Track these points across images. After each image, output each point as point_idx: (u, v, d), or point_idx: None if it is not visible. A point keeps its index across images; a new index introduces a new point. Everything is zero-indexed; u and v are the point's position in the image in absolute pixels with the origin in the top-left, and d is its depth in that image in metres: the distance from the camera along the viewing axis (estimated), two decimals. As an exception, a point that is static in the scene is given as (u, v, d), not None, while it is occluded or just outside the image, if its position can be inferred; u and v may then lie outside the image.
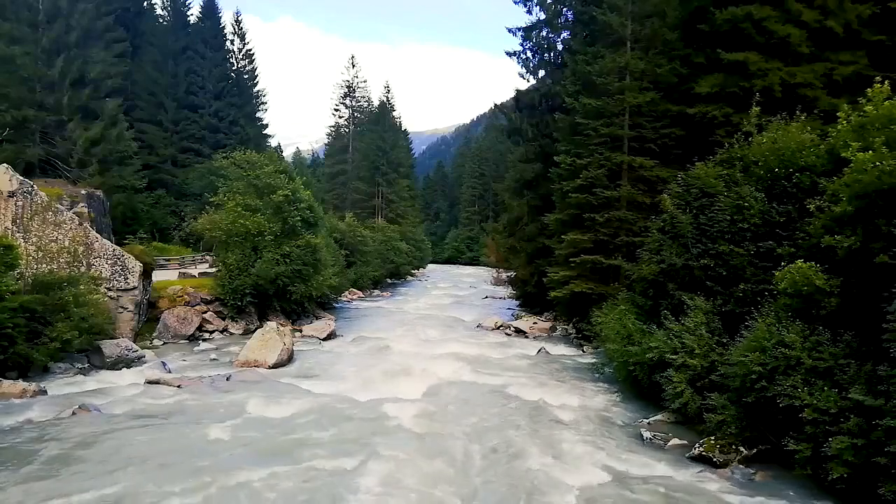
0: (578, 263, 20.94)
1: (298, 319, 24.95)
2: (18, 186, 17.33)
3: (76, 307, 15.28)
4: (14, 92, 27.51)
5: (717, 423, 10.28)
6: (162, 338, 20.12)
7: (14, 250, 14.66)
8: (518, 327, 25.23)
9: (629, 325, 14.19)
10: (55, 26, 29.34)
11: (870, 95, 9.99)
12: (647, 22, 21.56)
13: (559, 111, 24.85)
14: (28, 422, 11.12)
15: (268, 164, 25.23)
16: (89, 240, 18.43)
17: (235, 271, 22.41)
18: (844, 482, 8.08)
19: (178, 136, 44.57)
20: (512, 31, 29.70)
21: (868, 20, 17.01)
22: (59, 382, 14.08)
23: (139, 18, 44.94)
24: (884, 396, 7.84)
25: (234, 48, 50.08)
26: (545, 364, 18.25)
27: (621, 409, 13.52)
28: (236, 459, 9.50)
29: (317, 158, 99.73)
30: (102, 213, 24.88)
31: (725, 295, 12.05)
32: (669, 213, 13.93)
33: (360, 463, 9.58)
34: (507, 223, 34.67)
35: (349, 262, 37.81)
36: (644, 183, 20.55)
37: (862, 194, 9.08)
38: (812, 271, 9.47)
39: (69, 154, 29.05)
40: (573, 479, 9.25)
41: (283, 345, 17.34)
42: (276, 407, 12.56)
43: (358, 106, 68.95)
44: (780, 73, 16.72)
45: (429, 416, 12.28)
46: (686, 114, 18.54)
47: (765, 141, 12.79)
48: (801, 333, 9.42)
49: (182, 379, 14.61)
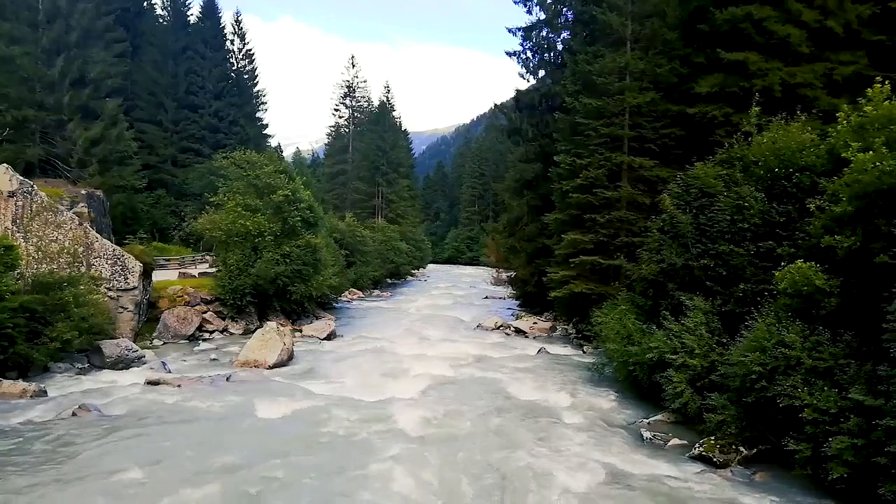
0: (578, 263, 20.95)
1: (298, 319, 24.96)
2: (18, 186, 17.33)
3: (76, 307, 15.28)
4: (14, 92, 27.50)
5: (717, 423, 10.29)
6: (162, 338, 20.13)
7: (14, 250, 14.66)
8: (518, 327, 25.23)
9: (629, 325, 14.20)
10: (55, 26, 29.32)
11: (870, 95, 10.00)
12: (647, 22, 21.58)
13: (559, 111, 24.82)
14: (28, 422, 11.12)
15: (268, 164, 25.27)
16: (89, 240, 18.44)
17: (236, 271, 22.43)
18: (844, 482, 8.09)
19: (178, 136, 44.58)
20: (512, 31, 29.74)
21: (868, 20, 17.01)
22: (59, 382, 14.08)
23: (139, 18, 44.95)
24: (884, 396, 7.85)
25: (234, 48, 50.11)
26: (545, 364, 18.24)
27: (621, 409, 13.52)
28: (236, 460, 9.50)
29: (317, 158, 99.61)
30: (102, 213, 24.86)
31: (725, 295, 12.05)
32: (669, 213, 13.95)
33: (360, 463, 9.59)
34: (507, 223, 34.65)
35: (349, 262, 37.82)
36: (644, 183, 20.55)
37: (862, 194, 9.10)
38: (812, 271, 9.48)
39: (69, 154, 29.05)
40: (573, 479, 9.25)
41: (283, 345, 17.35)
42: (276, 407, 12.57)
43: (358, 106, 69.00)
44: (780, 73, 16.72)
45: (428, 417, 12.27)
46: (686, 114, 18.54)
47: (765, 141, 12.79)
48: (801, 333, 9.43)
49: (182, 379, 14.61)
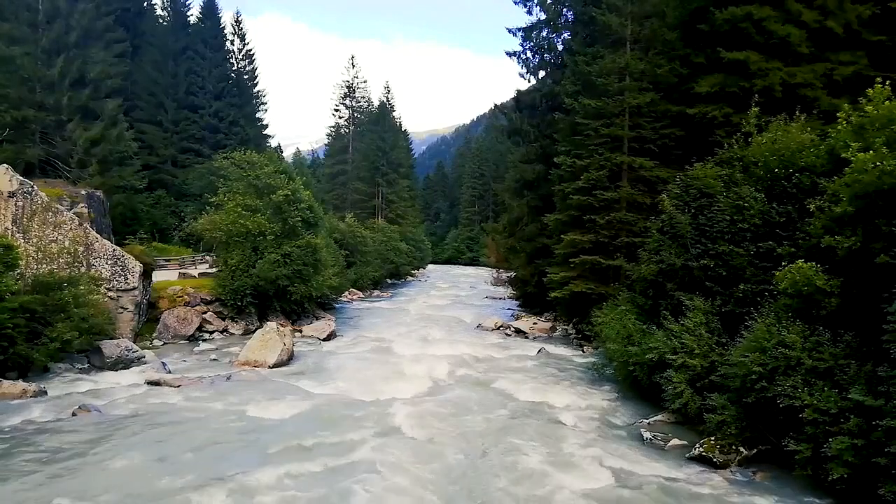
0: (578, 264, 20.95)
1: (298, 320, 24.93)
2: (18, 187, 17.33)
3: (76, 307, 15.25)
4: (14, 92, 27.45)
5: (717, 424, 10.29)
6: (162, 338, 20.12)
7: (14, 250, 14.64)
8: (518, 328, 25.22)
9: (629, 325, 14.20)
10: (55, 26, 29.27)
11: (870, 95, 10.00)
12: (647, 22, 21.59)
13: (560, 111, 24.83)
14: (28, 422, 11.11)
15: (268, 164, 25.25)
16: (89, 240, 18.43)
17: (236, 272, 22.42)
18: (844, 482, 8.09)
19: (178, 137, 44.53)
20: (512, 31, 29.70)
21: (868, 20, 17.03)
22: (59, 383, 14.08)
23: (139, 18, 44.91)
24: (884, 397, 7.86)
25: (234, 48, 50.01)
26: (545, 364, 18.24)
27: (621, 409, 13.52)
28: (236, 460, 9.50)
29: (317, 159, 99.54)
30: (102, 213, 24.80)
31: (725, 295, 12.05)
32: (668, 214, 13.94)
33: (359, 464, 9.58)
34: (507, 223, 34.62)
35: (349, 263, 37.80)
36: (644, 183, 20.55)
37: (862, 194, 9.10)
38: (812, 271, 9.48)
39: (69, 154, 29.00)
40: (573, 479, 9.26)
41: (284, 345, 17.34)
42: (276, 407, 12.57)
43: (358, 106, 68.99)
44: (780, 73, 16.72)
45: (428, 417, 12.27)
46: (686, 114, 18.53)
47: (764, 141, 12.80)
48: (801, 334, 9.43)
49: (182, 379, 14.60)
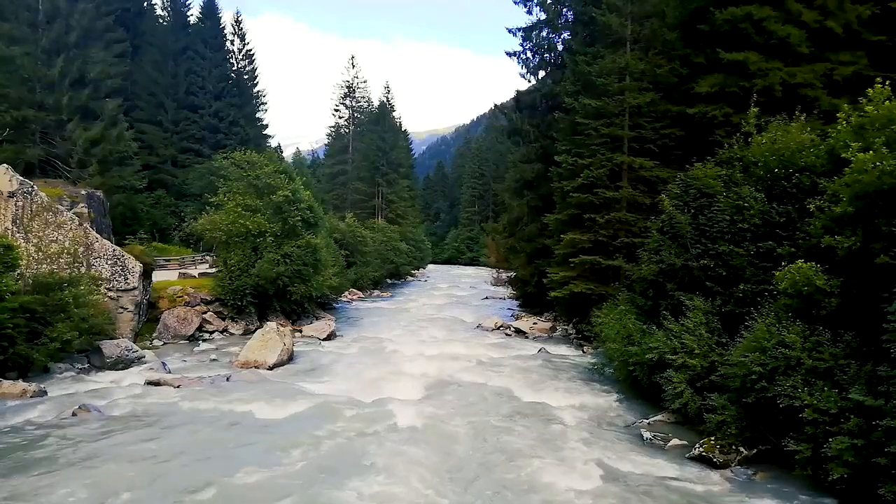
0: (578, 264, 20.93)
1: (298, 320, 24.94)
2: (18, 187, 17.33)
3: (76, 307, 15.25)
4: (14, 92, 27.44)
5: (717, 424, 10.29)
6: (162, 338, 20.12)
7: (14, 250, 14.63)
8: (518, 328, 25.21)
9: (629, 325, 14.20)
10: (55, 26, 29.25)
11: (870, 95, 10.00)
12: (647, 22, 21.57)
13: (560, 111, 24.82)
14: (28, 422, 11.12)
15: (268, 164, 25.27)
16: (89, 240, 18.44)
17: (236, 272, 22.42)
18: (844, 483, 8.09)
19: (178, 137, 44.52)
20: (512, 31, 29.67)
21: (868, 20, 17.01)
22: (59, 383, 14.08)
23: (139, 18, 44.91)
24: (884, 397, 7.85)
25: (234, 48, 50.01)
26: (545, 364, 18.23)
27: (621, 409, 13.53)
28: (236, 460, 9.49)
29: (317, 159, 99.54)
30: (102, 213, 24.81)
31: (725, 295, 12.05)
32: (668, 214, 13.94)
33: (359, 464, 9.58)
34: (507, 223, 34.61)
35: (349, 263, 37.80)
36: (644, 183, 20.54)
37: (862, 194, 9.10)
38: (812, 271, 9.48)
39: (69, 154, 28.98)
40: (573, 479, 9.26)
41: (283, 345, 17.34)
42: (275, 407, 12.57)
43: (358, 106, 68.94)
44: (780, 73, 16.71)
45: (428, 417, 12.27)
46: (686, 114, 18.52)
47: (764, 141, 12.80)
48: (801, 334, 9.43)
49: (182, 379, 14.61)
